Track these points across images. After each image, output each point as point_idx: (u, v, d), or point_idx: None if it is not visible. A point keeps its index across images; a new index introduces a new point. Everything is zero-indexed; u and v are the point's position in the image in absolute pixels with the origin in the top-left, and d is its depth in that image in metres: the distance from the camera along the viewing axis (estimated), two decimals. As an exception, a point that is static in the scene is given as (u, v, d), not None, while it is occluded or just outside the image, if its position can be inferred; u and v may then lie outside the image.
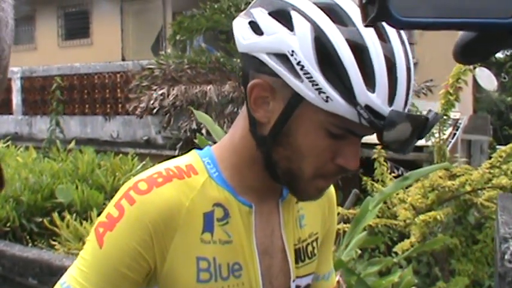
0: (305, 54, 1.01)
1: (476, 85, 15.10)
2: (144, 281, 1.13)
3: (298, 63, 1.02)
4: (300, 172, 1.11)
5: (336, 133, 1.06)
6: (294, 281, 1.24)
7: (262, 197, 1.21)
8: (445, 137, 5.24)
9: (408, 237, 4.37)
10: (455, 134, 10.67)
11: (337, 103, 1.01)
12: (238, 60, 9.81)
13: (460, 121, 11.74)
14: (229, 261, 1.16)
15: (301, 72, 1.02)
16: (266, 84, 1.08)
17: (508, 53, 18.63)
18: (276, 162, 1.12)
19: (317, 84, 1.01)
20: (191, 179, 1.16)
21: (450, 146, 9.64)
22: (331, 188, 1.32)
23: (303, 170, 1.10)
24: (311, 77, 1.01)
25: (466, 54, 0.72)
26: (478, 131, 14.21)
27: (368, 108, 1.01)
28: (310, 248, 1.28)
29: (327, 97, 1.01)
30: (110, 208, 1.13)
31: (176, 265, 1.12)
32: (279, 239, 1.23)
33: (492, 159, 4.71)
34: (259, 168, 1.16)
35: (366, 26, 0.71)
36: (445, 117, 4.92)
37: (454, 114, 11.31)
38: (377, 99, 1.01)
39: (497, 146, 10.57)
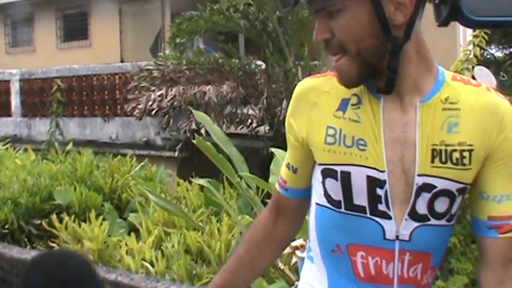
0: None
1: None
2: (301, 146, 1.54)
3: None
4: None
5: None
6: (419, 175, 1.38)
7: (400, 95, 1.40)
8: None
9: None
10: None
11: None
12: (237, 61, 9.81)
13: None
14: (355, 135, 1.42)
15: None
16: None
17: (507, 52, 18.62)
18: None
19: None
20: None
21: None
22: (504, 108, 1.41)
23: None
24: None
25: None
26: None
27: None
28: (456, 155, 1.38)
29: None
30: None
31: (312, 130, 1.48)
32: (413, 133, 1.39)
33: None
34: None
35: (439, 25, 0.74)
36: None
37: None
38: None
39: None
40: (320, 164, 1.49)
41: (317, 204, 1.54)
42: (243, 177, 4.21)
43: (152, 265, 4.65)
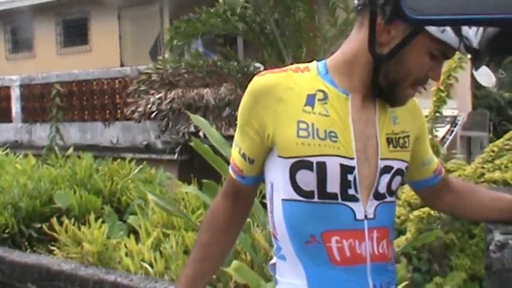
0: None
1: (474, 82, 15.10)
2: (260, 140, 1.62)
3: None
4: (402, 81, 1.56)
5: (436, 55, 1.54)
6: (382, 159, 1.63)
7: (363, 96, 1.62)
8: (438, 133, 5.26)
9: (405, 234, 4.39)
10: (453, 130, 10.71)
11: (448, 34, 1.47)
12: (236, 63, 9.84)
13: (458, 118, 11.76)
14: (326, 128, 1.57)
15: None
16: None
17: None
18: (385, 72, 1.56)
19: None
20: (303, 73, 1.63)
21: (448, 142, 9.66)
22: (417, 102, 1.78)
23: (405, 80, 1.56)
24: None
25: (492, 49, 0.78)
26: (478, 127, 14.26)
27: (466, 38, 1.48)
28: (401, 141, 1.68)
29: (443, 29, 1.47)
30: None
31: (280, 125, 1.58)
32: (373, 127, 1.63)
33: (484, 154, 4.72)
34: (364, 75, 1.58)
35: (385, 24, 0.80)
36: (437, 114, 4.93)
37: (452, 111, 11.35)
38: (470, 34, 1.47)
39: (497, 142, 10.55)
40: (290, 157, 1.58)
41: (284, 200, 1.64)
42: (240, 178, 4.23)
43: (151, 266, 4.68)
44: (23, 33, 17.64)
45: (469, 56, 1.55)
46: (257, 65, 9.95)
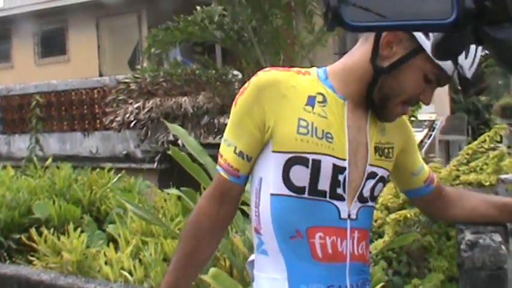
0: None
1: (452, 87, 15.22)
2: (260, 135, 1.67)
3: None
4: (394, 97, 1.66)
5: (430, 79, 1.64)
6: (370, 165, 1.72)
7: (357, 104, 1.71)
8: (416, 137, 5.32)
9: (383, 237, 4.43)
10: (431, 135, 10.84)
11: None
12: (214, 71, 9.86)
13: (436, 122, 11.90)
14: (324, 129, 1.65)
15: (431, 34, 1.52)
16: (397, 35, 1.62)
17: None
18: (381, 85, 1.66)
19: None
20: (305, 76, 1.72)
21: (426, 146, 9.77)
22: (404, 117, 1.87)
23: (397, 97, 1.66)
24: None
25: (440, 53, 0.85)
26: (456, 131, 14.40)
27: (461, 67, 1.59)
28: (386, 151, 1.78)
29: None
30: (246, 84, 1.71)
31: (281, 120, 1.64)
32: (364, 134, 1.72)
33: (459, 156, 4.78)
34: (361, 84, 1.68)
35: (327, 30, 0.88)
36: (413, 118, 4.99)
37: (430, 116, 11.47)
38: (465, 64, 1.60)
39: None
40: (286, 152, 1.65)
41: (273, 194, 1.68)
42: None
43: (131, 274, 4.69)
44: (1, 44, 17.53)
45: (459, 87, 1.65)
46: (235, 72, 9.98)
